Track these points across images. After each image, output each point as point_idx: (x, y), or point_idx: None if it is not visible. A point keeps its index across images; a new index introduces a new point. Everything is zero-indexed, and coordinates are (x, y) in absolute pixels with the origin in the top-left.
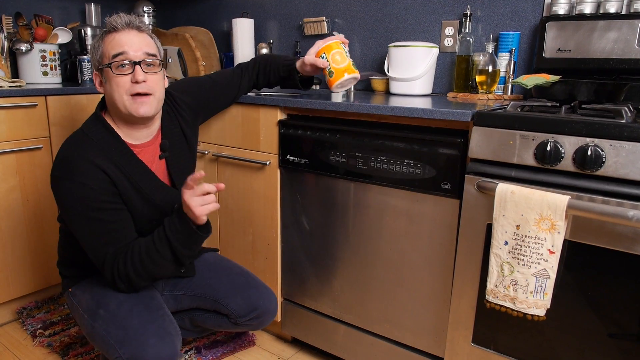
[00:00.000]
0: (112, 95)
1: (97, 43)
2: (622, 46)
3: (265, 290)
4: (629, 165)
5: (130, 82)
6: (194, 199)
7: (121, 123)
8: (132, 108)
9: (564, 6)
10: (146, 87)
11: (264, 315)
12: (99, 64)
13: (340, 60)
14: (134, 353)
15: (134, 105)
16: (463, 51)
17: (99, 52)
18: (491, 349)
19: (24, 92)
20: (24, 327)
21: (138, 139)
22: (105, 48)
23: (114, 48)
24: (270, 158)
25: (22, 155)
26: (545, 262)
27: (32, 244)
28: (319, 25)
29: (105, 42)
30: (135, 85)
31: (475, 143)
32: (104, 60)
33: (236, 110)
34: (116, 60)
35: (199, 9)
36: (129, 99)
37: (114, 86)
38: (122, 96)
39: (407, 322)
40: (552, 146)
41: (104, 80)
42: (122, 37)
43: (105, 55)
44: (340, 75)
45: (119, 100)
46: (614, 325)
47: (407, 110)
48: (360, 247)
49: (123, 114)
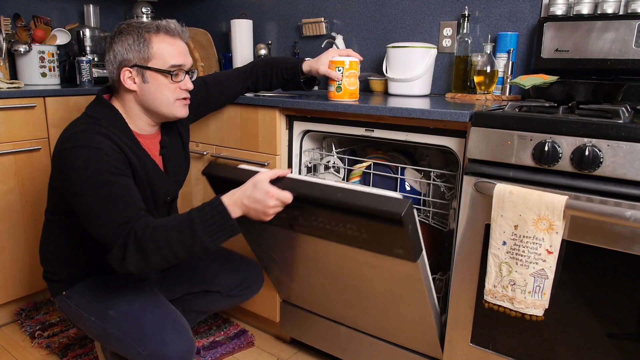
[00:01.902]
0: (156, 97)
1: (143, 41)
2: (620, 46)
3: (249, 261)
4: (627, 166)
5: (179, 89)
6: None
7: (143, 116)
8: (177, 111)
9: (561, 7)
10: (189, 94)
11: (254, 284)
12: (142, 62)
13: (353, 83)
14: (154, 349)
15: (182, 109)
16: (461, 52)
17: (148, 51)
18: (490, 349)
19: (23, 93)
20: (23, 328)
21: (143, 131)
22: (158, 51)
23: (173, 57)
24: (269, 159)
25: (20, 157)
26: (544, 262)
27: (30, 245)
28: (318, 26)
29: (159, 45)
30: (184, 92)
31: (473, 143)
32: (155, 63)
33: (235, 111)
34: (175, 70)
35: (198, 10)
36: (176, 102)
37: (164, 90)
38: (169, 99)
39: (401, 337)
40: (550, 146)
41: (146, 80)
42: (179, 47)
43: (159, 59)
44: (345, 96)
45: (164, 103)
46: (613, 325)
47: (405, 110)
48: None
49: (163, 114)
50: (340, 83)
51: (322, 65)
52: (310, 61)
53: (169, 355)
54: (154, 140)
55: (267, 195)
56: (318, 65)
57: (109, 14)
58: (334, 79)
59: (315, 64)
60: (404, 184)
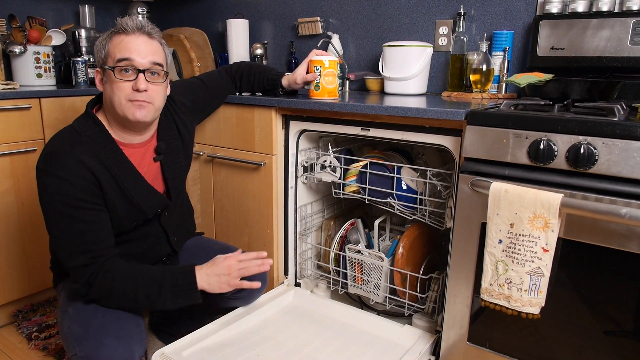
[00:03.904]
0: (111, 97)
1: (104, 41)
2: (615, 44)
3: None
4: (622, 163)
5: (132, 89)
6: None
7: (115, 123)
8: (128, 112)
9: (557, 5)
10: (146, 96)
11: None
12: (102, 63)
13: (331, 82)
14: (87, 352)
15: (131, 109)
16: (457, 50)
17: (105, 50)
18: (487, 347)
19: (18, 94)
20: (20, 330)
21: (130, 140)
22: (111, 49)
23: (120, 51)
24: (265, 158)
25: (16, 158)
26: (539, 260)
27: (27, 246)
28: (314, 26)
29: (113, 43)
30: (135, 92)
31: (469, 142)
32: (108, 61)
33: (231, 111)
34: (120, 64)
35: (194, 10)
36: (127, 103)
37: (115, 89)
38: (120, 100)
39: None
40: (545, 144)
41: (105, 80)
42: (131, 42)
43: (111, 56)
44: (323, 95)
45: (116, 103)
46: (609, 323)
47: (401, 109)
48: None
49: (119, 117)
50: (318, 82)
51: (299, 75)
52: (288, 76)
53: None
54: (144, 148)
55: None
56: (295, 77)
57: (105, 14)
58: (311, 79)
59: (292, 77)
60: (401, 183)
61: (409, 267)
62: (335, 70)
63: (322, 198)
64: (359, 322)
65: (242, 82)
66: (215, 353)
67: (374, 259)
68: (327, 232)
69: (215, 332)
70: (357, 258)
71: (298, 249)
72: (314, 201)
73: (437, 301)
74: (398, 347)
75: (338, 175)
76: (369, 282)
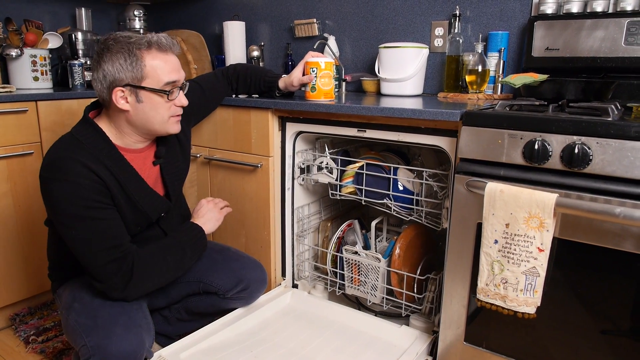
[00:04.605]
0: (151, 116)
1: (133, 60)
2: (609, 44)
3: (248, 261)
4: (616, 163)
5: (174, 106)
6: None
7: (133, 133)
8: (171, 128)
9: (551, 5)
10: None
11: (252, 285)
12: (135, 82)
13: (327, 83)
14: (98, 342)
15: (174, 125)
16: (453, 51)
17: (140, 69)
18: (483, 347)
19: (14, 97)
20: (17, 333)
21: (132, 146)
22: (152, 69)
23: (166, 75)
24: (261, 160)
25: (13, 161)
26: (535, 260)
27: (24, 250)
28: (310, 27)
29: (151, 62)
30: (179, 109)
31: (465, 143)
32: (148, 82)
33: (227, 113)
34: (168, 88)
35: (190, 12)
36: (170, 119)
37: (159, 109)
38: (164, 118)
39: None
40: (540, 145)
41: (140, 100)
42: (173, 62)
43: (152, 78)
44: (319, 96)
45: (158, 122)
46: (606, 322)
47: (396, 111)
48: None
49: (156, 132)
50: (315, 83)
51: (295, 77)
52: (284, 78)
53: (111, 349)
54: (144, 153)
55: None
56: (291, 79)
57: (101, 17)
58: (307, 81)
59: (288, 80)
60: (397, 184)
61: (405, 268)
62: (331, 71)
63: (319, 199)
64: (356, 323)
65: (239, 85)
66: (213, 355)
67: (371, 260)
68: (325, 233)
69: (213, 334)
70: (354, 259)
71: (295, 250)
72: (311, 202)
73: (434, 301)
74: (395, 348)
75: (335, 176)
76: (366, 283)
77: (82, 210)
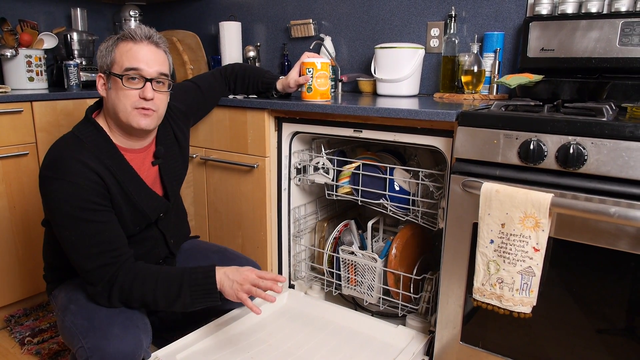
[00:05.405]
0: (116, 104)
1: (110, 47)
2: (604, 45)
3: (245, 261)
4: (610, 163)
5: (138, 97)
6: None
7: (117, 128)
8: (133, 120)
9: (546, 6)
10: (152, 104)
11: None
12: (107, 68)
13: (323, 84)
14: (95, 343)
15: (137, 117)
16: (449, 52)
17: (111, 57)
18: (480, 347)
19: (9, 98)
20: (12, 335)
21: (130, 145)
22: (118, 56)
23: (129, 60)
24: (258, 161)
25: (7, 162)
26: (531, 260)
27: (19, 251)
28: (306, 28)
29: (120, 50)
30: (142, 100)
31: (460, 143)
32: (115, 68)
33: (223, 113)
34: (129, 73)
35: (186, 12)
36: (133, 111)
37: (121, 97)
38: (126, 107)
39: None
40: (535, 145)
41: (109, 86)
42: (140, 51)
43: (118, 63)
44: (316, 97)
45: (121, 110)
46: (601, 321)
47: (392, 111)
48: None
49: (122, 123)
50: (311, 84)
51: (292, 79)
52: (281, 79)
53: (109, 350)
54: (144, 153)
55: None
56: (288, 80)
57: (97, 17)
58: (304, 82)
59: (285, 81)
60: (393, 184)
61: (402, 268)
62: (327, 72)
63: (315, 200)
64: (353, 323)
65: (237, 85)
66: (210, 356)
67: (367, 260)
68: (321, 233)
69: (210, 335)
70: (350, 259)
71: (292, 250)
72: (308, 203)
73: (430, 301)
74: (392, 348)
75: (331, 176)
76: (363, 283)
77: (77, 211)
